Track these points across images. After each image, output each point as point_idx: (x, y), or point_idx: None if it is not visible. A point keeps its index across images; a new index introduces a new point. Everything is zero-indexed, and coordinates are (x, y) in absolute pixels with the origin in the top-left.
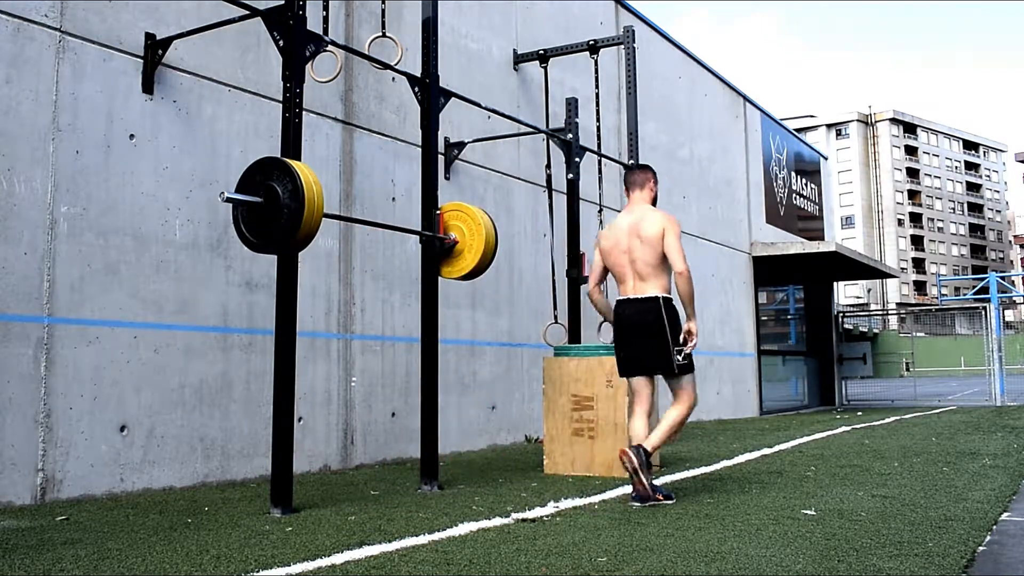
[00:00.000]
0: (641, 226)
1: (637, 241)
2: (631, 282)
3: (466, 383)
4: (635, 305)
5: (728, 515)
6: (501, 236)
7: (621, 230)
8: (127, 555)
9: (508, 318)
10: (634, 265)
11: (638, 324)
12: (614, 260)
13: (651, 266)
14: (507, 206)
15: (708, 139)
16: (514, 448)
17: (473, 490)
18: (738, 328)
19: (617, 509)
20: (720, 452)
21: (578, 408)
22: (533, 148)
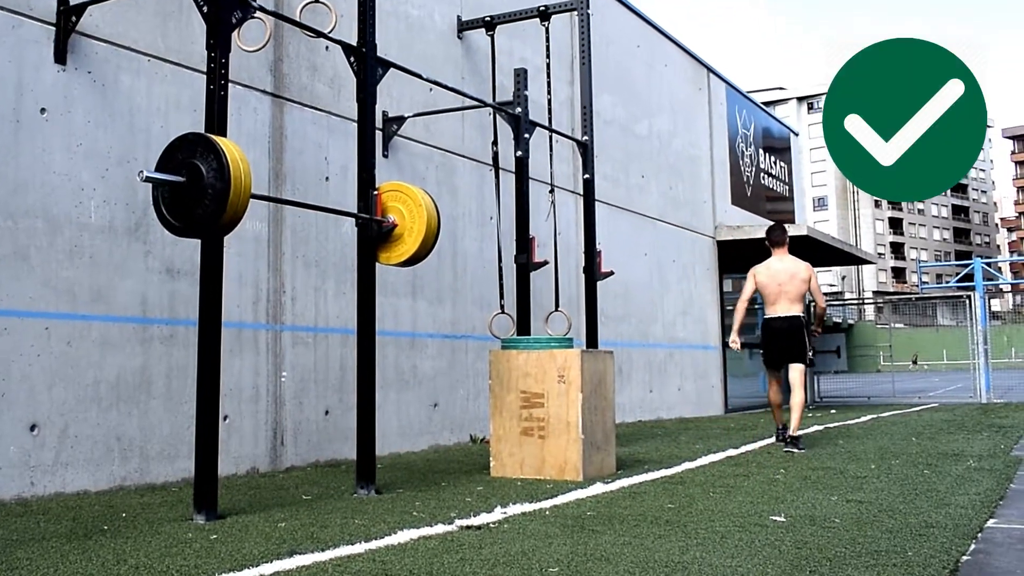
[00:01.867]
0: (797, 271)
1: (789, 280)
2: (782, 303)
3: (406, 379)
4: (785, 320)
5: (690, 522)
6: (444, 218)
7: (778, 271)
8: (38, 565)
9: (451, 308)
10: (786, 295)
11: (787, 331)
12: (770, 290)
13: (797, 296)
14: (450, 186)
15: (669, 113)
16: (458, 449)
17: (414, 494)
18: (701, 319)
19: (570, 515)
20: (682, 453)
21: (527, 406)
22: (479, 123)
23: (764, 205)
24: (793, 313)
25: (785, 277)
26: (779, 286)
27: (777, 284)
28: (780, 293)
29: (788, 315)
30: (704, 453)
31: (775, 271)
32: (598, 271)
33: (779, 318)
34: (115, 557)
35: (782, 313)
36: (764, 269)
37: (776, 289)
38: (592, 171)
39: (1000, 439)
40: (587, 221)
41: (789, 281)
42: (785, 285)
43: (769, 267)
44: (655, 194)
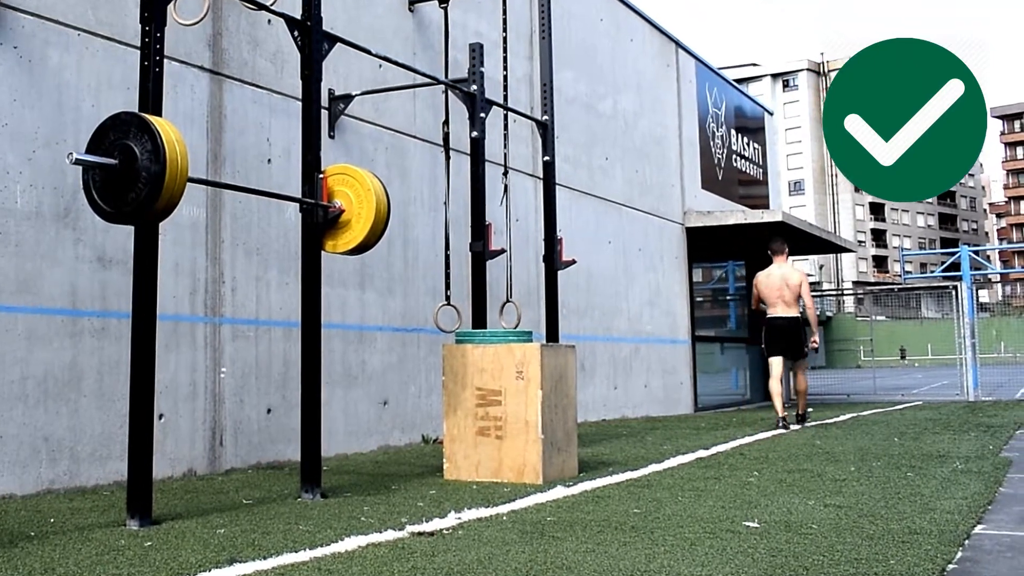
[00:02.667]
0: (789, 278)
1: (784, 285)
2: (780, 306)
3: (354, 375)
4: (785, 320)
5: (657, 527)
6: (394, 203)
7: (775, 277)
8: None
9: (402, 299)
10: (782, 298)
11: (787, 328)
12: (769, 294)
13: (792, 299)
14: (401, 169)
15: (634, 91)
16: (409, 450)
17: (362, 499)
18: (669, 311)
19: (529, 521)
20: (648, 454)
21: (483, 404)
22: (431, 102)
23: (736, 189)
24: (792, 314)
25: (781, 283)
26: (777, 291)
27: (776, 289)
28: (779, 297)
29: (787, 315)
30: (672, 454)
31: (773, 278)
32: (559, 260)
33: (780, 318)
34: (43, 566)
35: (782, 313)
36: (765, 276)
37: (776, 293)
38: (552, 153)
39: (988, 439)
40: (547, 206)
41: (783, 287)
42: (780, 290)
43: (769, 274)
44: (620, 178)
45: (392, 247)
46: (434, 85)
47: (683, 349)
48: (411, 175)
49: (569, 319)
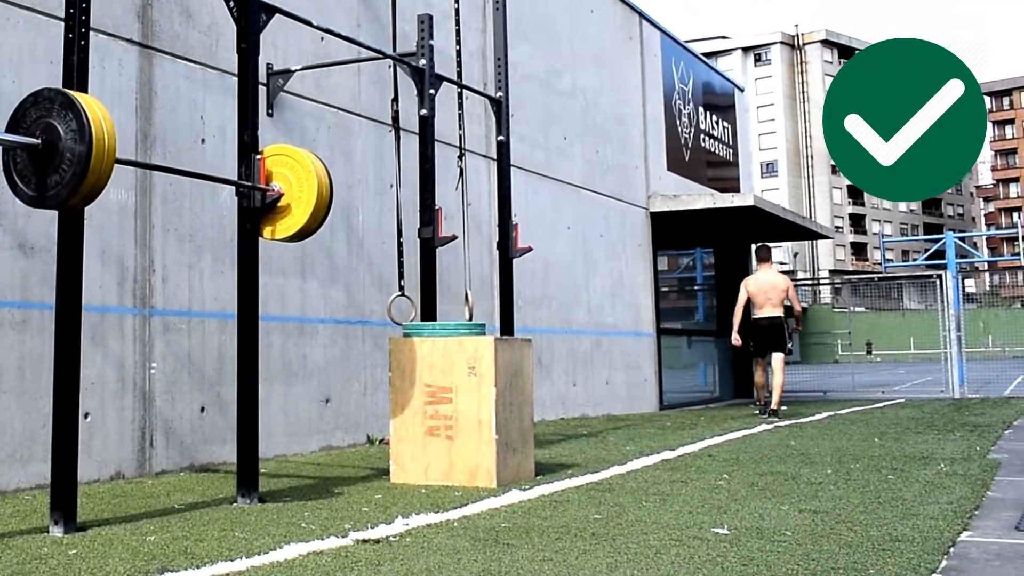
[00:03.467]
0: (777, 283)
1: (771, 289)
2: (767, 308)
3: (294, 370)
4: (769, 320)
5: (620, 534)
6: (337, 186)
7: (763, 282)
8: None
9: (346, 289)
10: (769, 301)
11: (770, 328)
12: (758, 297)
13: (778, 302)
14: (345, 149)
15: (595, 66)
16: (354, 451)
17: (302, 504)
18: (633, 302)
19: (482, 527)
20: (610, 456)
21: (433, 401)
22: (377, 77)
23: (704, 171)
24: (776, 314)
25: (768, 287)
26: (764, 294)
27: (763, 293)
28: (766, 300)
29: (771, 315)
30: (636, 456)
31: (761, 282)
32: (514, 247)
33: (764, 318)
34: None
35: (767, 314)
36: (753, 281)
37: (763, 297)
38: (507, 132)
39: (975, 440)
40: (501, 190)
41: (771, 290)
42: (768, 293)
43: (757, 279)
44: (579, 159)
45: (335, 233)
46: (380, 59)
47: (647, 343)
48: (356, 156)
49: (525, 310)
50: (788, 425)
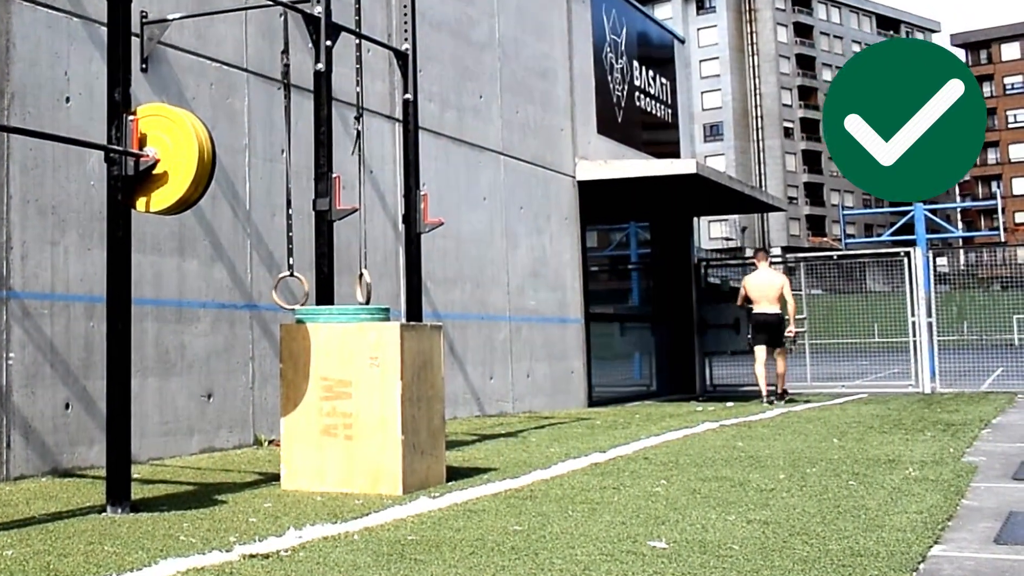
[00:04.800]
0: (773, 280)
1: (768, 287)
2: (764, 303)
3: (171, 361)
4: (767, 316)
5: (543, 549)
6: (221, 151)
7: (761, 280)
8: None
9: (231, 269)
10: (766, 297)
11: (770, 322)
12: (755, 294)
13: (775, 299)
14: (230, 110)
15: (515, 13)
16: (240, 453)
17: (181, 513)
18: (558, 284)
19: (385, 540)
20: (532, 459)
21: (330, 396)
22: (267, 27)
23: (640, 134)
24: (772, 310)
25: (765, 285)
26: (761, 291)
27: (759, 290)
28: (762, 296)
29: (768, 312)
30: (561, 459)
31: (759, 279)
32: (422, 221)
33: (762, 314)
34: None
35: (764, 310)
36: (752, 279)
37: (759, 294)
38: (414, 90)
39: (948, 440)
40: (407, 156)
41: (768, 288)
42: (765, 291)
43: (757, 276)
44: (497, 120)
45: (218, 205)
46: (270, 7)
47: (574, 330)
48: (242, 117)
49: (435, 293)
50: (735, 424)
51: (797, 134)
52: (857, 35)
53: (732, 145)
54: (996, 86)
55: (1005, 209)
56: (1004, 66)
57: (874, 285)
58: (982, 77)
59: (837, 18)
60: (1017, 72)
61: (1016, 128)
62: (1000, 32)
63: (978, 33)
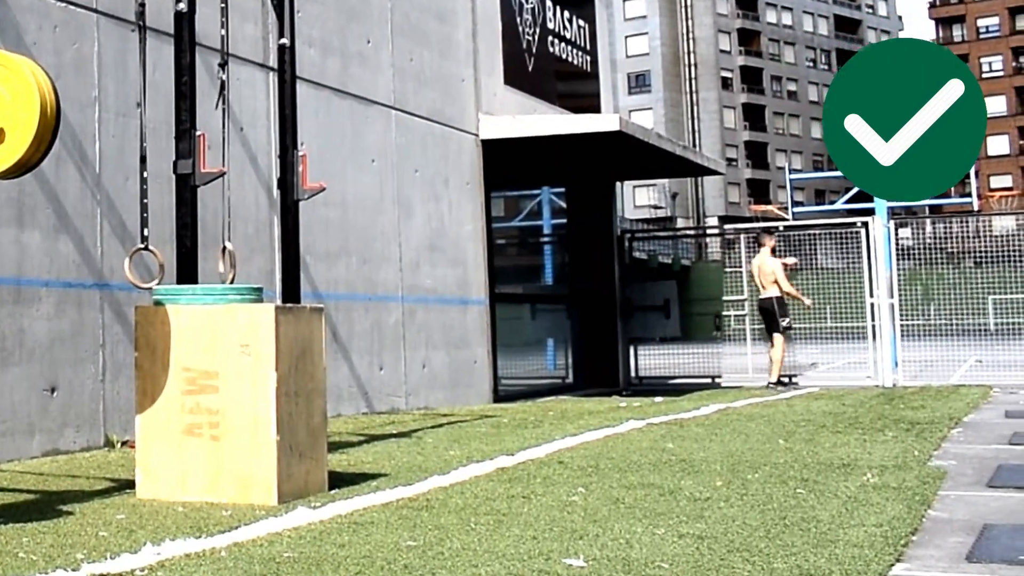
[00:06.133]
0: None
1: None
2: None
3: (8, 349)
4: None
5: (441, 567)
6: (67, 105)
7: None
8: None
9: (78, 242)
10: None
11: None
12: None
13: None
14: (77, 56)
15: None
16: (89, 456)
17: (20, 526)
18: (458, 259)
19: (258, 558)
20: (428, 463)
21: (193, 391)
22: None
23: (554, 85)
24: (766, 295)
25: (757, 271)
26: (758, 277)
27: (757, 276)
28: (760, 282)
29: (762, 297)
30: (462, 463)
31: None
32: (301, 186)
33: (759, 299)
34: None
35: (761, 296)
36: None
37: (758, 280)
38: (292, 34)
39: (913, 441)
40: (283, 110)
41: (760, 274)
42: (760, 277)
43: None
44: (388, 69)
45: (63, 167)
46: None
47: (477, 312)
48: (91, 65)
49: (316, 269)
50: (665, 422)
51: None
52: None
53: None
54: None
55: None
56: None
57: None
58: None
59: None
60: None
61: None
62: None
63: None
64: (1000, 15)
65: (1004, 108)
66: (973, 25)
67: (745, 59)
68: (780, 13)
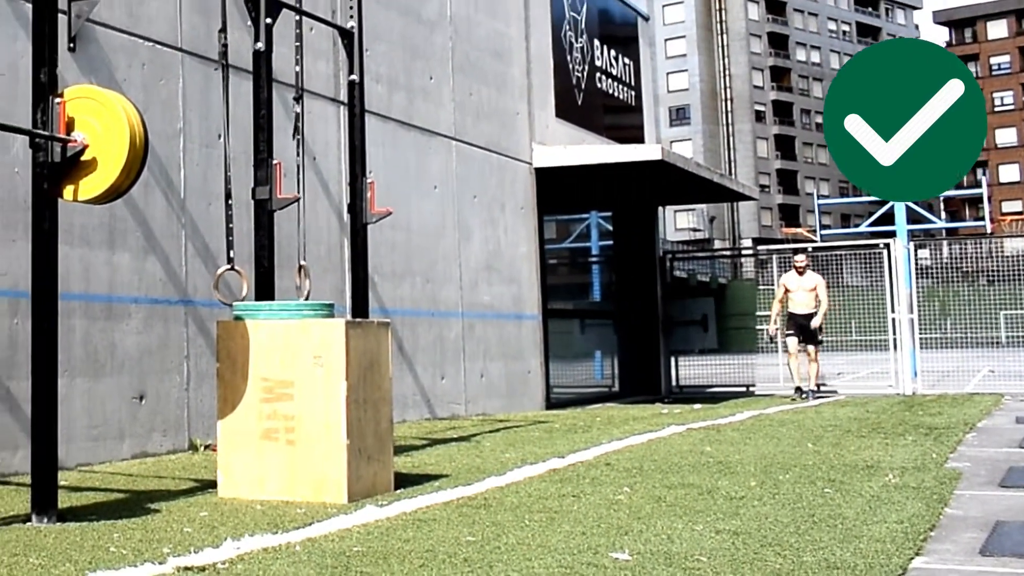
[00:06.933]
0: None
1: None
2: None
3: (101, 360)
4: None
5: (498, 560)
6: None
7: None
8: None
9: (165, 261)
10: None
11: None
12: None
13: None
14: (164, 92)
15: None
16: (174, 459)
17: (111, 523)
18: (513, 278)
19: (330, 552)
20: (486, 465)
21: (271, 398)
22: (203, 4)
23: (601, 118)
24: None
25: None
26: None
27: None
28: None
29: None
30: (517, 464)
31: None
32: (369, 211)
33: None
34: None
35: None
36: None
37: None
38: (360, 71)
39: (931, 445)
40: (353, 141)
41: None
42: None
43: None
44: (449, 103)
45: (151, 194)
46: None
47: (531, 327)
48: (176, 100)
49: (382, 288)
50: (703, 427)
51: (769, 118)
52: (833, 12)
53: (700, 129)
54: (981, 66)
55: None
56: (990, 45)
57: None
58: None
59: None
60: (1003, 51)
61: (1003, 111)
62: (986, 9)
63: (962, 10)
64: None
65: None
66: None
67: (777, 94)
68: (809, 52)
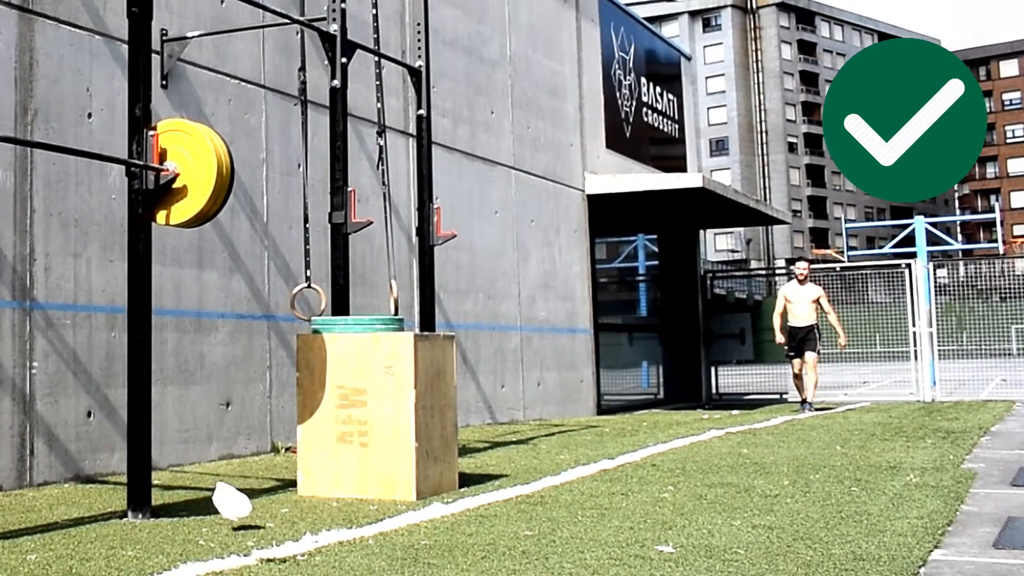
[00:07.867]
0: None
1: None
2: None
3: (191, 370)
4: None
5: (553, 553)
6: (239, 165)
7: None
8: None
9: (249, 280)
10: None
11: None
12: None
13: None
14: (247, 125)
15: (526, 32)
16: (257, 460)
17: (200, 519)
18: (567, 295)
19: (400, 545)
20: (542, 466)
21: (346, 405)
22: (284, 44)
23: (647, 149)
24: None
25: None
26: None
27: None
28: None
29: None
30: (571, 465)
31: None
32: (435, 233)
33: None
34: None
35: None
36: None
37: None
38: (428, 106)
39: (948, 447)
40: (421, 170)
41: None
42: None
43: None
44: (508, 135)
45: (236, 218)
46: (287, 24)
47: (583, 339)
48: (259, 132)
49: (447, 304)
50: (740, 431)
51: (801, 149)
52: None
53: (737, 159)
54: (995, 102)
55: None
56: (1003, 82)
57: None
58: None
59: (840, 35)
60: (1015, 88)
61: (1015, 143)
62: (999, 49)
63: (977, 50)
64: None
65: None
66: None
67: (808, 127)
68: None
